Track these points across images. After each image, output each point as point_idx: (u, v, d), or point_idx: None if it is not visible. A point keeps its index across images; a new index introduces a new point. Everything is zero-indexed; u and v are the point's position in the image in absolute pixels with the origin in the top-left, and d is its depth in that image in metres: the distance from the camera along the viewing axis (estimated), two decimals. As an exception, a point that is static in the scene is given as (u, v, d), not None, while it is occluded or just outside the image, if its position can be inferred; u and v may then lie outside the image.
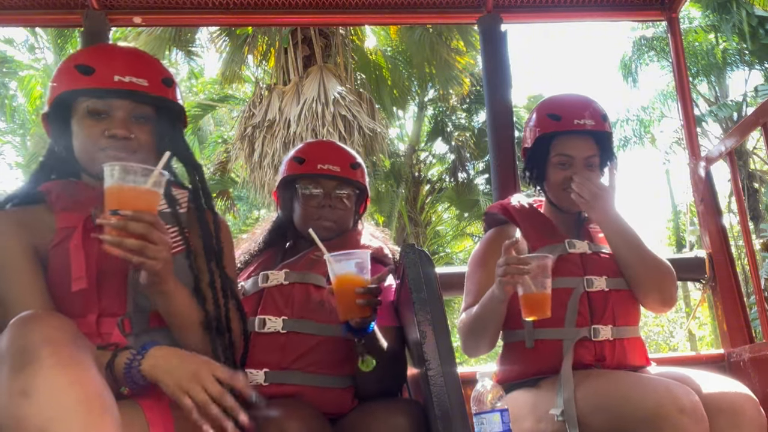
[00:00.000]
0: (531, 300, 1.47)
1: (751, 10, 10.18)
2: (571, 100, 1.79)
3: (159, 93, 1.26)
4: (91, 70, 1.21)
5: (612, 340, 1.62)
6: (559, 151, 1.71)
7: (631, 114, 12.67)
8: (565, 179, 1.70)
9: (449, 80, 9.16)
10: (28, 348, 0.89)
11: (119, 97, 1.22)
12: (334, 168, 1.66)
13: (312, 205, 1.65)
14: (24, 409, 0.85)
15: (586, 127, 1.69)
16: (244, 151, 7.85)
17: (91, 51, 1.31)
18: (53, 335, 0.91)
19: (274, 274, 1.58)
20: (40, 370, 0.87)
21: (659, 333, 16.13)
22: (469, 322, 1.65)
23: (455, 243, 14.27)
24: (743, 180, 10.54)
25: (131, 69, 1.23)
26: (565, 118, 1.71)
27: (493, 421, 1.27)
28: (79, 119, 1.23)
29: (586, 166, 1.70)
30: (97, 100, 1.22)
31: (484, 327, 1.61)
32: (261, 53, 8.67)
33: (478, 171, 11.91)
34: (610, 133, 1.76)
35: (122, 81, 1.21)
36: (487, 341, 1.64)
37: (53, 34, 11.08)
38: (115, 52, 1.31)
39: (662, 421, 1.30)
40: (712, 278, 2.43)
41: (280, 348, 1.50)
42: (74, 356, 0.92)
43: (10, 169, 14.71)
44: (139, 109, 1.24)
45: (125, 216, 1.03)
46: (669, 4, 2.70)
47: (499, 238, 1.75)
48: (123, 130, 1.21)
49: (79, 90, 1.22)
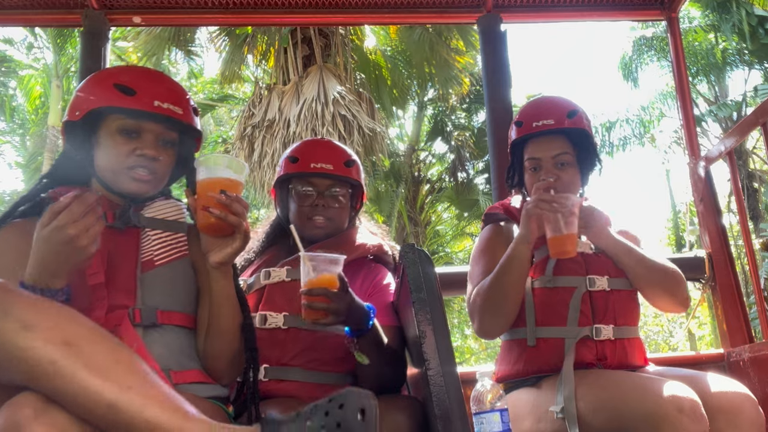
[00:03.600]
0: (560, 240, 1.50)
1: (751, 9, 10.18)
2: (534, 103, 1.83)
3: (189, 121, 1.35)
4: (132, 91, 1.28)
5: (613, 339, 1.62)
6: (529, 155, 1.74)
7: (630, 114, 12.66)
8: (536, 182, 1.69)
9: (449, 80, 9.16)
10: None
11: (155, 120, 1.30)
12: (327, 166, 1.66)
13: (306, 204, 1.66)
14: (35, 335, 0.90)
15: (545, 127, 1.70)
16: (244, 150, 7.84)
17: (131, 72, 1.37)
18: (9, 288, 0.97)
19: (276, 271, 1.59)
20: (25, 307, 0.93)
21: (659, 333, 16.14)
22: (487, 287, 1.60)
23: (455, 243, 14.28)
24: (743, 180, 10.55)
25: (170, 96, 1.31)
26: (525, 122, 1.74)
27: (493, 421, 1.27)
28: (110, 134, 1.29)
29: (556, 165, 1.69)
30: (133, 120, 1.28)
31: (508, 285, 1.58)
32: (260, 53, 8.67)
33: (477, 171, 11.91)
34: (583, 129, 1.73)
35: (161, 107, 1.29)
36: (510, 306, 1.60)
37: (52, 34, 11.06)
38: (155, 76, 1.37)
39: (662, 420, 1.30)
40: (711, 278, 2.43)
41: (281, 344, 1.51)
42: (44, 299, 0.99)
43: (10, 169, 14.72)
44: (168, 135, 1.33)
45: (232, 197, 1.20)
46: (669, 3, 2.70)
47: (500, 232, 1.77)
48: (152, 152, 1.29)
49: (118, 108, 1.28)
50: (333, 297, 1.33)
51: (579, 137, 1.72)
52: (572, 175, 1.70)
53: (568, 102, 1.76)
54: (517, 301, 1.61)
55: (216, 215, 1.18)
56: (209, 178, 1.22)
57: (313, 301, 1.33)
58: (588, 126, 1.75)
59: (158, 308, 1.25)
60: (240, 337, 1.29)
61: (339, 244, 1.65)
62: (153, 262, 1.28)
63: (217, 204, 1.18)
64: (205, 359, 1.29)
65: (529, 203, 1.54)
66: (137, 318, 1.22)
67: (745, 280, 7.59)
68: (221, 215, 1.18)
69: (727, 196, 10.87)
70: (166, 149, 1.33)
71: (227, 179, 1.22)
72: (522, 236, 1.56)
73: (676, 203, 16.05)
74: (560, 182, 1.67)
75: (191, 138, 1.40)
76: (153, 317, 1.24)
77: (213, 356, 1.28)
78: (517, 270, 1.58)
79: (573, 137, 1.72)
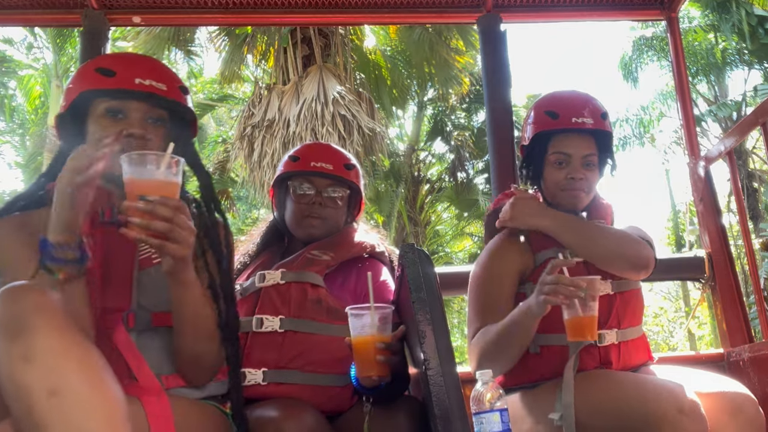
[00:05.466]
0: (578, 323, 1.41)
1: (751, 9, 10.18)
2: (569, 97, 1.76)
3: (175, 98, 1.30)
4: (112, 72, 1.26)
5: (617, 343, 1.60)
6: (556, 149, 1.68)
7: (630, 113, 12.67)
8: (562, 178, 1.67)
9: (449, 80, 9.16)
10: (21, 315, 0.90)
11: (138, 99, 1.26)
12: (327, 166, 1.67)
13: (303, 202, 1.66)
14: (29, 374, 0.87)
15: (584, 125, 1.66)
16: (244, 150, 7.84)
17: (111, 56, 1.40)
18: (44, 302, 0.93)
19: (271, 273, 1.58)
20: (37, 335, 0.89)
21: (659, 332, 16.14)
22: (493, 339, 1.53)
23: (455, 242, 14.28)
24: (743, 179, 10.54)
25: (151, 73, 1.28)
26: (563, 115, 1.68)
27: (493, 421, 1.26)
28: (96, 119, 1.26)
29: (584, 165, 1.67)
30: (116, 101, 1.25)
31: (513, 344, 1.52)
32: (260, 53, 8.67)
33: (477, 170, 11.92)
34: (610, 132, 1.73)
35: (142, 84, 1.25)
36: (511, 359, 1.55)
37: (52, 34, 11.05)
38: (135, 57, 1.38)
39: (662, 421, 1.30)
40: (711, 278, 2.43)
41: (278, 347, 1.50)
42: (67, 321, 0.94)
43: (10, 169, 14.72)
44: (155, 112, 1.28)
45: (153, 201, 1.06)
46: (668, 3, 2.70)
47: (504, 247, 1.70)
48: (140, 130, 1.24)
49: (99, 90, 1.25)
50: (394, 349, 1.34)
51: (605, 139, 1.71)
52: (595, 177, 1.69)
53: (598, 101, 1.74)
54: (519, 354, 1.55)
55: (137, 225, 1.06)
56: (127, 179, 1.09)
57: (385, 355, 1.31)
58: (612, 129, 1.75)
59: (153, 310, 1.22)
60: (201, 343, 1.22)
61: (333, 244, 1.65)
62: (151, 259, 1.25)
63: (138, 213, 1.06)
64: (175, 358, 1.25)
65: (546, 285, 1.40)
66: (131, 323, 1.20)
67: (745, 280, 7.58)
68: (143, 224, 1.06)
69: (727, 196, 10.86)
70: (156, 127, 1.27)
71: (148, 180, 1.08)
72: (534, 314, 1.44)
73: (676, 203, 16.07)
74: (587, 182, 1.66)
75: (185, 121, 1.35)
76: (147, 320, 1.21)
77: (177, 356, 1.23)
78: (524, 336, 1.51)
79: (599, 138, 1.70)
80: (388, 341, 1.34)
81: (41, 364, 0.87)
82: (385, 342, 1.33)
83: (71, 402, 0.86)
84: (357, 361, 1.35)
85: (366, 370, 1.33)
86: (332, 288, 1.60)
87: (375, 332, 1.33)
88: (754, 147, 11.43)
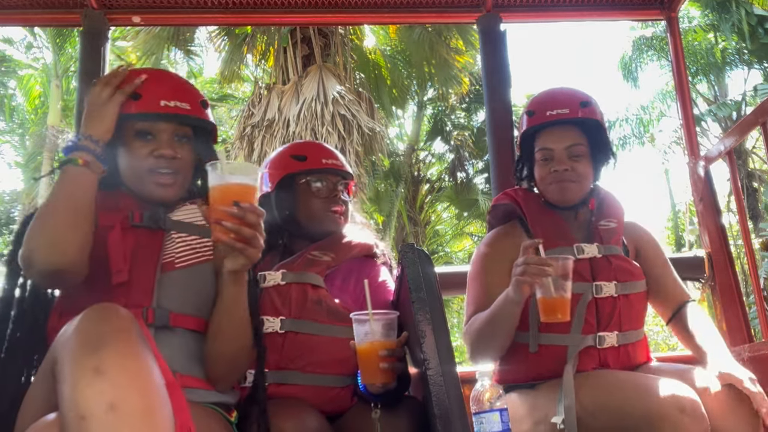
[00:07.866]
0: (550, 304, 1.42)
1: (751, 9, 10.18)
2: (546, 93, 1.78)
3: (199, 115, 1.39)
4: (137, 95, 1.33)
5: (617, 346, 1.60)
6: (540, 146, 1.70)
7: (630, 113, 12.66)
8: (547, 173, 1.67)
9: (448, 79, 9.16)
10: (103, 333, 0.95)
11: (165, 120, 1.34)
12: (337, 162, 1.72)
13: (323, 197, 1.68)
14: (95, 385, 0.89)
15: (560, 116, 1.66)
16: (244, 150, 7.83)
17: None
18: (125, 326, 0.98)
19: (271, 274, 1.58)
20: (113, 354, 0.93)
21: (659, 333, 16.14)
22: (479, 328, 1.57)
23: (454, 242, 14.28)
24: (742, 179, 10.55)
25: (175, 94, 1.36)
26: (538, 111, 1.70)
27: (493, 421, 1.26)
28: (128, 142, 1.34)
29: (569, 156, 1.66)
30: (144, 122, 1.34)
31: (497, 332, 1.55)
32: (260, 53, 8.66)
33: (477, 170, 11.92)
34: (597, 120, 1.70)
35: (168, 106, 1.34)
36: (499, 347, 1.58)
37: (52, 34, 11.05)
38: (158, 76, 1.41)
39: (662, 420, 1.30)
40: (711, 278, 2.43)
41: (279, 348, 1.50)
42: (141, 348, 0.98)
43: (9, 169, 14.72)
44: (181, 130, 1.37)
45: (245, 207, 1.13)
46: (668, 3, 2.70)
47: (504, 237, 1.72)
48: (170, 151, 1.33)
49: (127, 114, 1.33)
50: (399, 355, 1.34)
51: (592, 128, 1.70)
52: (585, 167, 1.68)
53: (581, 92, 1.74)
54: (506, 343, 1.58)
55: (229, 228, 1.13)
56: (220, 185, 1.16)
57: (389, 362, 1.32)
58: (601, 117, 1.73)
59: (172, 311, 1.26)
60: (242, 343, 1.29)
61: (335, 244, 1.65)
62: (173, 264, 1.30)
63: (230, 217, 1.13)
64: (206, 360, 1.29)
65: (517, 268, 1.42)
66: (150, 318, 1.24)
67: (744, 280, 7.58)
68: (234, 228, 1.13)
69: (727, 195, 10.85)
70: (182, 145, 1.36)
71: (238, 185, 1.16)
72: (512, 299, 1.46)
73: (676, 203, 16.07)
74: (574, 173, 1.65)
75: (207, 131, 1.43)
76: (165, 319, 1.26)
77: (212, 358, 1.28)
78: (507, 323, 1.53)
79: (586, 129, 1.69)
80: (392, 347, 1.33)
81: (110, 378, 0.90)
82: (389, 349, 1.32)
83: (126, 419, 0.89)
84: (361, 368, 1.36)
85: (370, 378, 1.34)
86: (332, 289, 1.60)
87: (378, 339, 1.33)
88: (754, 147, 11.43)
